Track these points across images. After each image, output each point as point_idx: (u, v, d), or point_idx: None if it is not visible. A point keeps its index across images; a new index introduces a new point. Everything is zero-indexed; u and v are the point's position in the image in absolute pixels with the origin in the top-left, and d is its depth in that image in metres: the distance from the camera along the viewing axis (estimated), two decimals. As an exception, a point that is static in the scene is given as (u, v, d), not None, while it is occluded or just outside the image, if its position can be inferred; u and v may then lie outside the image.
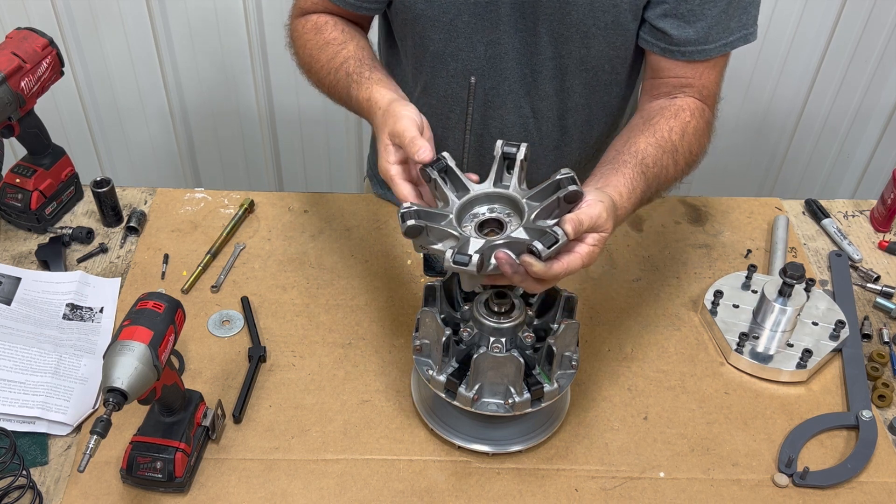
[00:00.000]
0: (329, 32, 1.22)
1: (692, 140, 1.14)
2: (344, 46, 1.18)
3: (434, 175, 0.96)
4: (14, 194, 1.39)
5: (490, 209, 0.97)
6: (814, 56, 2.16)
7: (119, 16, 2.01)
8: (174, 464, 1.03)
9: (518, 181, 0.97)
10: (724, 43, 1.14)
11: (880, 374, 1.22)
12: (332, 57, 1.18)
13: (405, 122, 0.99)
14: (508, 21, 1.17)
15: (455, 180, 0.98)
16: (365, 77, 1.11)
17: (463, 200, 0.96)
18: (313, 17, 1.25)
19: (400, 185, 1.00)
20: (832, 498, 1.08)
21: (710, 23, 1.12)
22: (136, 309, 0.98)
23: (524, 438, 1.11)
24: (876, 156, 2.40)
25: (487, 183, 0.98)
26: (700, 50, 1.14)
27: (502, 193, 0.97)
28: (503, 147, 0.98)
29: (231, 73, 2.14)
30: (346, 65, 1.15)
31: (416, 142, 0.97)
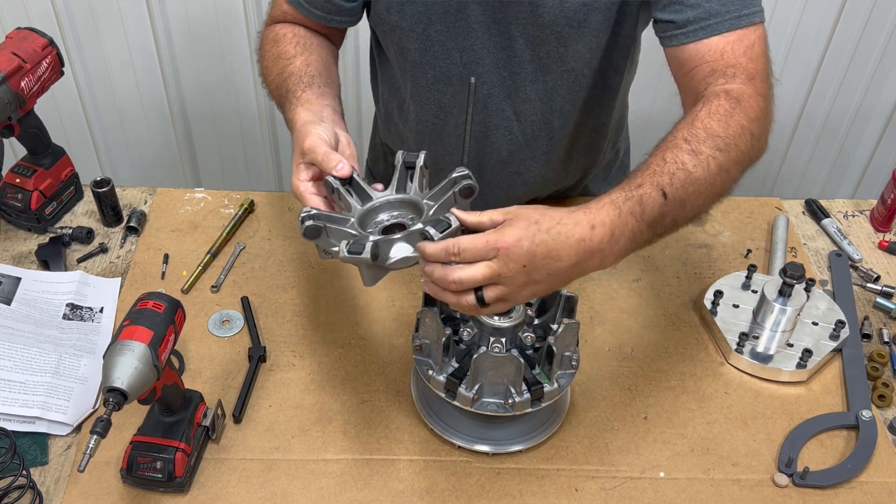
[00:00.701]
0: (284, 45, 1.21)
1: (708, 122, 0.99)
2: (291, 62, 1.17)
3: (336, 185, 0.97)
4: (14, 194, 1.39)
5: (392, 215, 0.99)
6: (814, 56, 2.16)
7: (119, 16, 2.01)
8: (174, 464, 1.03)
9: (419, 186, 0.99)
10: (736, 16, 1.05)
11: (880, 374, 1.22)
12: (280, 71, 1.18)
13: (313, 139, 1.00)
14: (480, 27, 1.16)
15: (359, 190, 0.99)
16: (296, 96, 1.11)
17: (366, 207, 0.98)
18: (277, 26, 1.25)
19: (310, 200, 1.00)
20: (832, 498, 1.08)
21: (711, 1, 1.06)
22: (136, 309, 0.98)
23: (524, 438, 1.11)
24: (876, 156, 2.40)
25: (389, 191, 1.00)
26: (706, 26, 1.06)
27: (403, 199, 0.99)
28: (403, 157, 1.00)
29: (231, 73, 2.13)
30: (288, 82, 1.15)
31: (331, 156, 0.98)
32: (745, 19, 1.05)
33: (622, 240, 0.91)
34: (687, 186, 0.94)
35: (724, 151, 0.97)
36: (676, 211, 0.95)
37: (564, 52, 1.17)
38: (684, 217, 0.97)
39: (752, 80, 1.04)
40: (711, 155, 0.96)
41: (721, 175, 0.97)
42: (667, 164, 0.95)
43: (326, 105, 1.10)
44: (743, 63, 1.04)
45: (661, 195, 0.93)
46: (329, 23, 1.23)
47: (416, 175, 0.99)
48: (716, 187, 0.98)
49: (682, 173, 0.94)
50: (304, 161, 1.01)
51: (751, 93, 1.02)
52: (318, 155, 0.99)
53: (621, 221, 0.91)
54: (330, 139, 1.02)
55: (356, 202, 0.98)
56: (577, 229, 0.89)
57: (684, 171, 0.95)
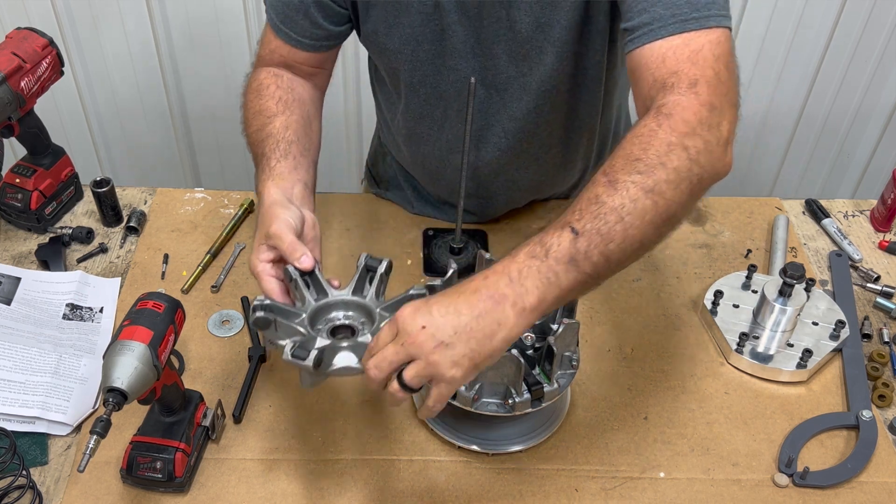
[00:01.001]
0: (266, 100, 1.18)
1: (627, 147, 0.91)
2: (271, 121, 1.15)
3: (295, 276, 0.98)
4: (14, 194, 1.39)
5: (345, 315, 0.99)
6: (814, 56, 2.16)
7: (119, 16, 2.01)
8: (174, 464, 1.03)
9: (376, 293, 1.00)
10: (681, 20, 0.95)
11: (880, 374, 1.22)
12: (258, 129, 1.16)
13: (280, 225, 0.99)
14: (464, 47, 1.16)
15: (316, 283, 1.00)
16: (269, 166, 1.10)
17: (319, 304, 0.98)
18: (261, 75, 1.22)
19: (267, 282, 1.00)
20: (832, 498, 1.08)
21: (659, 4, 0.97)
22: (136, 309, 0.98)
23: (524, 438, 1.11)
24: (876, 156, 2.40)
25: (347, 290, 1.00)
26: (648, 31, 0.97)
27: (358, 302, 0.99)
28: (366, 259, 1.01)
29: (231, 73, 2.13)
30: (265, 144, 1.13)
31: (296, 247, 0.98)
32: (692, 23, 0.96)
33: (527, 282, 0.86)
34: (603, 217, 0.87)
35: (646, 174, 0.88)
36: (602, 243, 0.87)
37: (544, 68, 1.17)
38: (621, 248, 0.88)
39: (693, 87, 0.93)
40: (630, 181, 0.88)
41: (651, 198, 0.87)
42: (577, 202, 0.90)
43: (298, 180, 1.09)
44: (685, 69, 0.95)
45: (569, 231, 0.87)
46: (318, 49, 1.20)
47: (375, 280, 1.01)
48: (648, 211, 0.88)
49: (594, 206, 0.88)
50: (267, 243, 1.01)
51: (687, 104, 0.92)
52: (283, 243, 0.98)
53: (518, 265, 0.87)
54: (296, 224, 1.01)
55: (311, 296, 0.99)
56: (469, 284, 0.88)
57: (596, 204, 0.88)
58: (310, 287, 0.99)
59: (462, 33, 1.14)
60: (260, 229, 1.03)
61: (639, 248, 0.90)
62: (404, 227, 1.45)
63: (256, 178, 1.11)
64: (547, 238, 0.88)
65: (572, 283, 0.87)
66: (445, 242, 1.40)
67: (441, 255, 1.39)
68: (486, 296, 0.86)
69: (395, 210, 1.49)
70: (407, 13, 1.13)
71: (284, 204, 1.03)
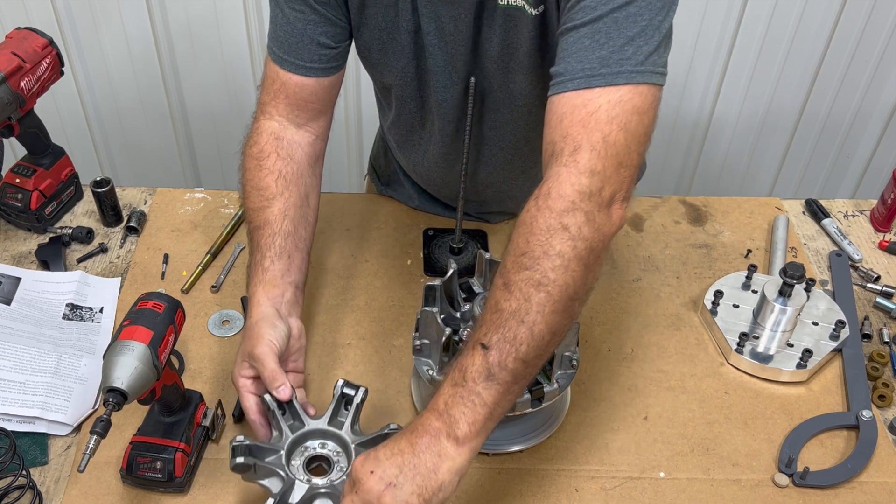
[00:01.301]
0: (265, 174, 1.16)
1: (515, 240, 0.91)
2: (270, 204, 1.15)
3: (273, 406, 1.01)
4: (14, 194, 1.39)
5: (322, 444, 1.03)
6: (814, 56, 2.16)
7: (119, 16, 2.01)
8: (174, 464, 1.03)
9: (352, 422, 1.03)
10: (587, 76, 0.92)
11: (880, 374, 1.22)
12: (256, 209, 1.16)
13: (263, 349, 1.03)
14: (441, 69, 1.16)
15: (293, 412, 1.03)
16: (262, 267, 1.12)
17: (296, 435, 1.01)
18: (262, 137, 1.19)
19: (246, 398, 1.05)
20: (832, 498, 1.08)
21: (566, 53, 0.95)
22: (136, 309, 0.98)
23: (524, 438, 1.11)
24: (876, 156, 2.40)
25: (323, 419, 1.03)
26: (556, 83, 0.95)
27: (335, 433, 1.02)
28: (343, 387, 1.04)
29: (231, 73, 2.13)
30: (261, 232, 1.14)
31: (277, 377, 1.01)
32: (598, 79, 0.91)
33: (454, 410, 0.87)
34: (505, 324, 0.88)
35: (532, 268, 0.88)
36: (513, 350, 0.87)
37: (514, 86, 1.16)
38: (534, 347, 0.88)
39: (574, 154, 0.91)
40: (520, 279, 0.88)
41: (543, 290, 0.87)
42: (483, 313, 0.92)
43: (289, 284, 1.12)
44: (573, 133, 0.92)
45: (480, 348, 0.88)
46: (328, 72, 1.17)
47: (352, 410, 1.03)
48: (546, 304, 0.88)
49: (496, 315, 0.89)
50: (249, 361, 1.05)
51: (565, 176, 0.91)
52: (265, 370, 1.02)
53: (444, 396, 0.89)
54: (281, 344, 1.05)
55: (288, 428, 1.01)
56: (409, 425, 0.91)
57: (497, 312, 0.89)
58: (285, 413, 1.02)
59: (441, 57, 1.14)
60: (245, 344, 1.07)
61: (551, 338, 0.90)
62: (404, 227, 1.45)
63: (249, 274, 1.14)
64: (463, 361, 0.89)
65: (497, 397, 0.88)
66: (445, 242, 1.40)
67: (441, 255, 1.39)
68: (422, 432, 0.88)
69: (396, 210, 1.49)
70: (397, 32, 1.14)
71: (271, 321, 1.07)
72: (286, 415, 1.03)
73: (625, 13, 0.91)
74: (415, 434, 0.89)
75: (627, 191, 0.94)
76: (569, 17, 0.95)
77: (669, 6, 0.94)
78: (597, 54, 0.92)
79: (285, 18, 1.14)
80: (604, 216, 0.91)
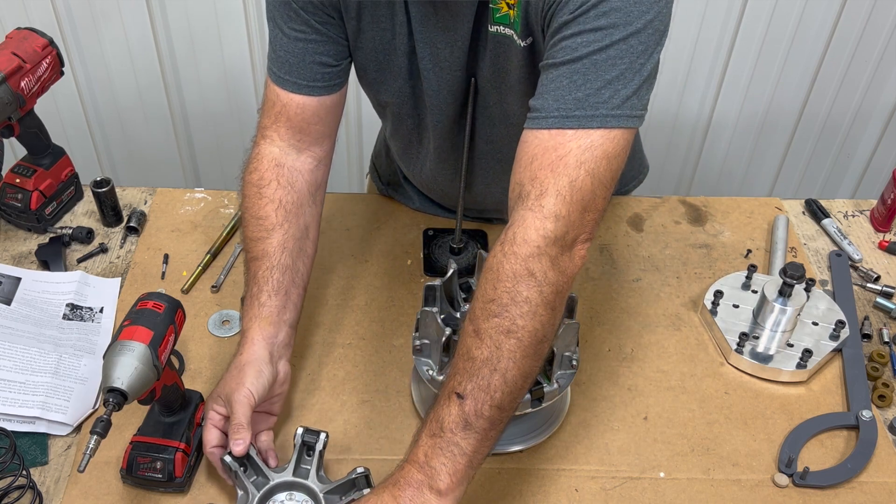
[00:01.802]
0: (265, 203, 1.15)
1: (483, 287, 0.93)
2: (269, 235, 1.13)
3: (235, 467, 1.00)
4: (14, 194, 1.39)
5: (289, 496, 1.02)
6: (814, 56, 2.16)
7: (119, 16, 2.01)
8: (174, 464, 1.03)
9: (317, 469, 1.02)
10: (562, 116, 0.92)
11: (880, 374, 1.22)
12: (255, 239, 1.14)
13: (240, 398, 1.02)
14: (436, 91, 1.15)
15: (256, 468, 1.02)
16: (259, 301, 1.10)
17: (262, 491, 1.01)
18: (263, 164, 1.17)
19: (209, 430, 1.05)
20: (832, 498, 1.08)
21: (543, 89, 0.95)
22: (136, 309, 0.98)
23: (524, 438, 1.11)
24: (876, 156, 2.40)
25: (287, 470, 1.02)
26: (531, 118, 0.95)
27: (302, 483, 1.02)
28: (303, 436, 1.03)
29: (231, 73, 2.13)
30: (259, 264, 1.13)
31: (239, 432, 1.00)
32: (572, 121, 0.92)
33: (434, 462, 0.89)
34: (478, 373, 0.89)
35: (501, 315, 0.90)
36: (487, 398, 0.89)
37: (507, 106, 1.16)
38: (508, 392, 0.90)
39: (540, 198, 0.92)
40: (490, 327, 0.90)
41: (514, 337, 0.90)
42: (455, 361, 0.93)
43: (284, 323, 1.11)
44: (541, 176, 0.92)
45: (455, 398, 0.90)
46: (331, 90, 1.15)
47: (315, 457, 1.03)
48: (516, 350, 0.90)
49: (468, 363, 0.90)
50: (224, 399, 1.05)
51: (531, 220, 0.92)
52: (233, 419, 1.01)
53: (424, 448, 0.90)
54: (261, 393, 1.04)
55: (252, 485, 1.01)
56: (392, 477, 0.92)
57: (469, 360, 0.90)
58: (247, 470, 1.02)
59: (435, 80, 1.14)
60: (227, 381, 1.06)
61: (523, 382, 0.92)
62: (404, 227, 1.45)
63: (245, 306, 1.12)
64: (440, 411, 0.91)
65: (475, 445, 0.89)
66: (445, 242, 1.40)
67: (441, 255, 1.39)
68: (405, 485, 0.89)
69: (395, 210, 1.49)
70: (393, 54, 1.14)
71: (258, 367, 1.06)
72: (248, 471, 1.02)
73: (604, 56, 0.91)
74: (397, 487, 0.90)
75: (591, 232, 0.95)
76: (550, 55, 0.94)
77: (654, 48, 0.93)
78: (573, 95, 0.92)
79: (286, 38, 1.12)
80: (567, 259, 0.93)
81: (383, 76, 1.18)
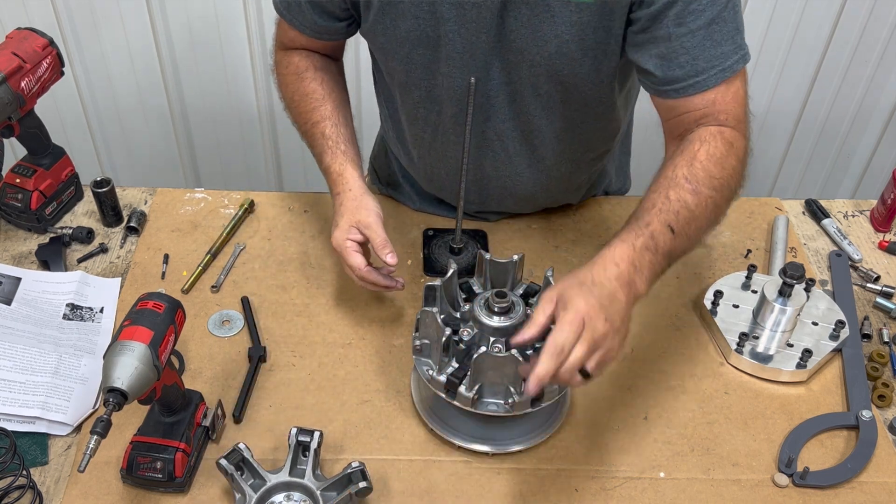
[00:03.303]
0: (308, 83, 1.30)
1: (707, 164, 1.07)
2: (322, 103, 1.28)
3: (231, 470, 1.01)
4: (14, 194, 1.39)
5: (287, 496, 1.03)
6: (814, 56, 2.16)
7: (119, 16, 2.01)
8: (174, 464, 1.03)
9: (312, 468, 1.03)
10: (721, 69, 1.08)
11: (880, 374, 1.22)
12: (310, 110, 1.29)
13: (374, 218, 1.17)
14: (458, 56, 1.16)
15: (251, 470, 1.03)
16: (340, 150, 1.25)
17: (260, 493, 1.01)
18: (294, 58, 1.32)
19: (353, 257, 1.17)
20: (832, 498, 1.08)
21: (695, 54, 1.07)
22: (137, 309, 0.98)
23: (524, 438, 1.11)
24: (876, 156, 2.40)
25: (284, 471, 1.03)
26: (694, 83, 1.09)
27: (298, 483, 1.02)
28: (297, 435, 1.04)
29: (231, 73, 2.13)
30: (323, 125, 1.27)
31: (387, 245, 1.15)
32: (729, 70, 1.09)
33: (644, 271, 0.99)
34: (690, 223, 1.04)
35: (720, 191, 1.07)
36: (683, 244, 1.04)
37: (536, 80, 1.17)
38: (688, 249, 1.06)
39: (739, 123, 1.12)
40: (710, 195, 1.05)
41: (715, 211, 1.07)
42: (671, 202, 1.03)
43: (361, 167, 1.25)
44: (732, 109, 1.11)
45: (670, 231, 1.02)
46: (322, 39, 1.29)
47: (310, 456, 1.03)
48: (711, 222, 1.08)
49: (686, 211, 1.03)
50: (359, 227, 1.17)
51: (738, 136, 1.11)
52: (377, 238, 1.16)
53: (638, 255, 0.99)
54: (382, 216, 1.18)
55: (250, 487, 1.01)
56: (609, 269, 0.97)
57: (687, 210, 1.04)
58: (244, 474, 1.02)
59: (459, 43, 1.14)
60: (348, 213, 1.18)
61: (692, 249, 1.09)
62: (404, 227, 1.45)
63: (325, 161, 1.25)
64: (655, 232, 1.01)
65: (662, 272, 1.03)
66: (445, 242, 1.40)
67: (441, 255, 1.39)
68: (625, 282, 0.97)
69: (396, 210, 1.49)
70: (403, 18, 1.14)
71: (370, 194, 1.20)
72: (245, 474, 1.02)
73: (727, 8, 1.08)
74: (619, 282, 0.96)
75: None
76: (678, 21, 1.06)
77: None
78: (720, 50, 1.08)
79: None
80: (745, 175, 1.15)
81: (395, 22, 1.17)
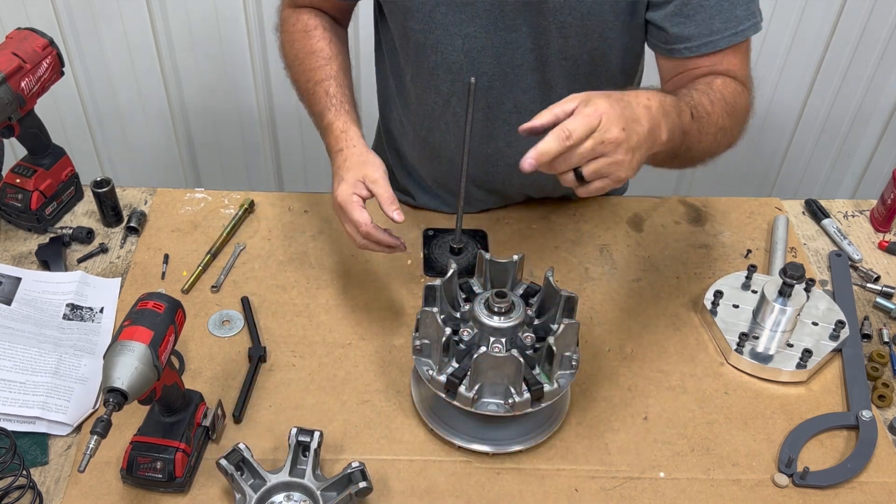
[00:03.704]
0: (317, 41, 1.29)
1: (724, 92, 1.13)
2: (329, 63, 1.27)
3: (231, 470, 1.01)
4: (14, 194, 1.39)
5: (287, 496, 1.03)
6: (814, 56, 2.16)
7: (119, 16, 2.01)
8: (174, 464, 1.03)
9: (312, 468, 1.03)
10: (734, 32, 1.14)
11: (880, 374, 1.22)
12: (316, 68, 1.26)
13: (381, 173, 1.14)
14: (485, 14, 1.16)
15: (251, 470, 1.03)
16: (345, 109, 1.23)
17: (260, 493, 1.01)
18: (304, 16, 1.31)
19: (359, 212, 1.13)
20: (832, 498, 1.08)
21: (711, 13, 1.12)
22: (137, 309, 0.98)
23: (524, 438, 1.11)
24: (876, 156, 2.40)
25: (284, 471, 1.03)
26: (707, 42, 1.14)
27: (299, 483, 1.02)
28: (297, 435, 1.04)
29: (231, 73, 2.14)
30: (328, 83, 1.25)
31: (395, 201, 1.13)
32: (741, 35, 1.15)
33: (668, 119, 0.99)
34: (704, 119, 1.07)
35: (731, 116, 1.12)
36: (694, 136, 1.06)
37: (564, 42, 1.18)
38: (695, 149, 1.09)
39: (745, 83, 1.18)
40: (721, 114, 1.11)
41: (723, 133, 1.12)
42: (692, 97, 1.08)
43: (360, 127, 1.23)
44: (736, 70, 1.17)
45: (690, 112, 1.05)
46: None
47: (310, 456, 1.03)
48: (717, 142, 1.12)
49: (703, 109, 1.08)
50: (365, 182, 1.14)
51: (744, 89, 1.18)
52: (384, 193, 1.13)
53: (665, 104, 1.00)
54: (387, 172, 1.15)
55: (250, 487, 1.01)
56: (640, 97, 0.97)
57: (704, 109, 1.08)
58: (244, 474, 1.02)
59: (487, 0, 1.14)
60: (354, 167, 1.15)
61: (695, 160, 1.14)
62: (404, 227, 1.45)
63: (326, 118, 1.23)
64: (680, 102, 1.04)
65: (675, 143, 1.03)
66: (445, 242, 1.40)
67: (441, 255, 1.39)
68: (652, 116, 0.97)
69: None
70: None
71: (374, 154, 1.17)
72: (245, 474, 1.02)
73: None
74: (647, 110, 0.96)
75: None
76: None
77: None
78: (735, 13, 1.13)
79: None
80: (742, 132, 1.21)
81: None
